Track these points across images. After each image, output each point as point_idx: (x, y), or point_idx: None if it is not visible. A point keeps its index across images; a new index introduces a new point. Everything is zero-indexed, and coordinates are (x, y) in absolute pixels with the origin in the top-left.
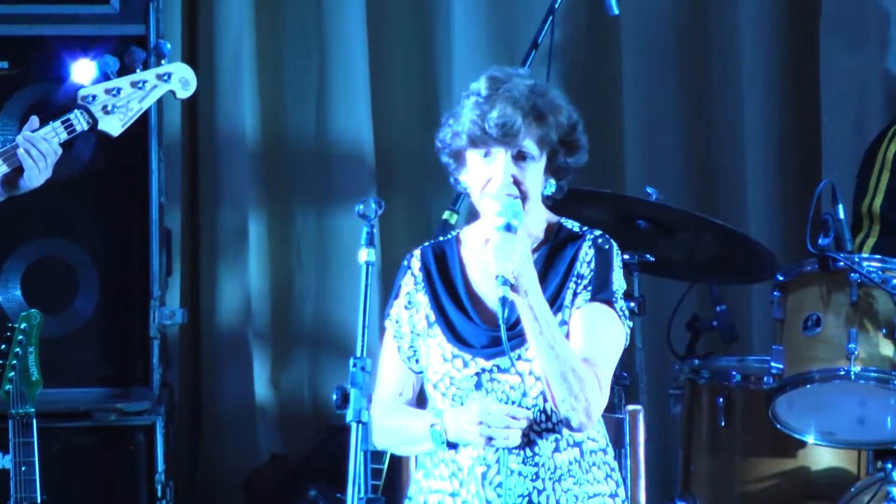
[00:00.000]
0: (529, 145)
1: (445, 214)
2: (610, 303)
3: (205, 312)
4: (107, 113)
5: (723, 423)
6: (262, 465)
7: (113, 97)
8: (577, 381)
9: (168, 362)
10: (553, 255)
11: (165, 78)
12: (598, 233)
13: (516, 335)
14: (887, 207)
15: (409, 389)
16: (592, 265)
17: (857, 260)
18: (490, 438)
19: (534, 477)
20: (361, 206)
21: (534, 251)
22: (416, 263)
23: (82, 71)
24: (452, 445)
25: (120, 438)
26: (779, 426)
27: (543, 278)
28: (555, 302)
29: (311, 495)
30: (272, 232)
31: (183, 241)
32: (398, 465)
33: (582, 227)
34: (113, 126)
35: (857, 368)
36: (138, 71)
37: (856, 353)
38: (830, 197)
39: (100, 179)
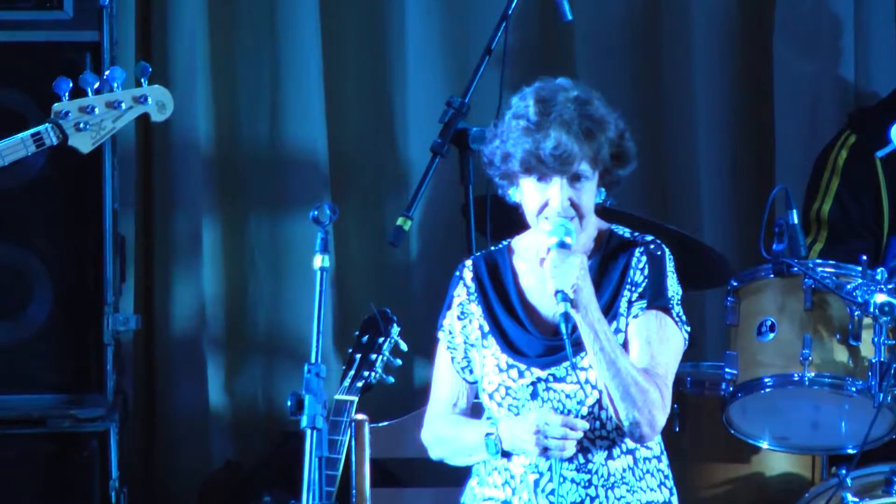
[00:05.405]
0: (584, 167)
1: (399, 220)
2: (667, 310)
3: (159, 319)
4: (78, 130)
5: (677, 429)
6: (217, 472)
7: (87, 115)
8: (640, 393)
9: (122, 369)
10: (606, 264)
11: (142, 100)
12: (649, 238)
13: (573, 343)
14: (835, 213)
15: (464, 399)
16: (646, 272)
17: (811, 266)
18: (546, 449)
19: (587, 484)
20: (315, 212)
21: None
22: (468, 274)
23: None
24: (506, 455)
25: (74, 445)
26: (733, 432)
27: (597, 287)
28: (609, 310)
29: (265, 502)
30: (226, 238)
31: (137, 248)
32: (352, 473)
33: (633, 233)
34: (83, 143)
35: (811, 374)
36: (115, 90)
37: (810, 358)
38: (784, 202)
39: (53, 186)
